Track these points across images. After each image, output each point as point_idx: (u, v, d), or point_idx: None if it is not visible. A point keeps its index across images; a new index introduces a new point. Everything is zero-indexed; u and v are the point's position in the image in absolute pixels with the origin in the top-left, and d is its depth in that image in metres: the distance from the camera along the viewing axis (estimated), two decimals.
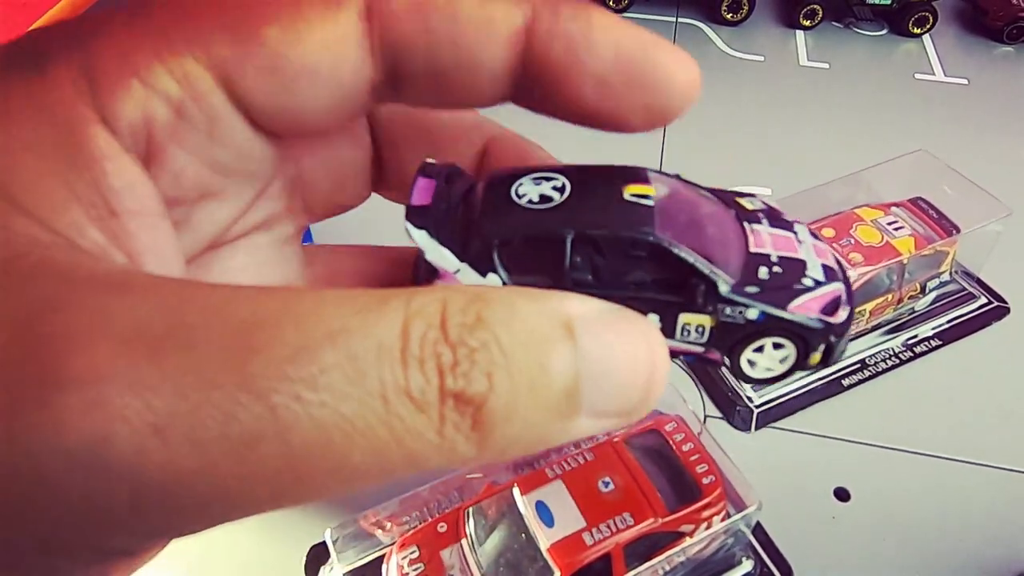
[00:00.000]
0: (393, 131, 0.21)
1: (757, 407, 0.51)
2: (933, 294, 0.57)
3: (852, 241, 0.52)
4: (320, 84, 0.16)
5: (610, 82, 0.16)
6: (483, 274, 0.16)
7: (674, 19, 0.94)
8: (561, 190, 0.17)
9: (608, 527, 0.37)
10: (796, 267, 0.18)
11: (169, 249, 0.16)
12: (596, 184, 0.17)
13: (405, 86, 0.16)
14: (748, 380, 0.18)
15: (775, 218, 0.19)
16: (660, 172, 0.18)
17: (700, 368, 0.53)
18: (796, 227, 0.19)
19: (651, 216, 0.17)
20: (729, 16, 0.93)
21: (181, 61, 0.15)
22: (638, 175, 0.18)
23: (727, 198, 0.19)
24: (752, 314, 0.17)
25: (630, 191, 0.17)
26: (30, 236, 0.13)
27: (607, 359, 0.13)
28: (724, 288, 0.17)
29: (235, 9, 0.15)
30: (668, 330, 0.17)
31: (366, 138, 0.21)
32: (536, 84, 0.16)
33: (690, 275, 0.17)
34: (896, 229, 0.53)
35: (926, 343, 0.56)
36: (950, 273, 0.57)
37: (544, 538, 0.36)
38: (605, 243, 0.16)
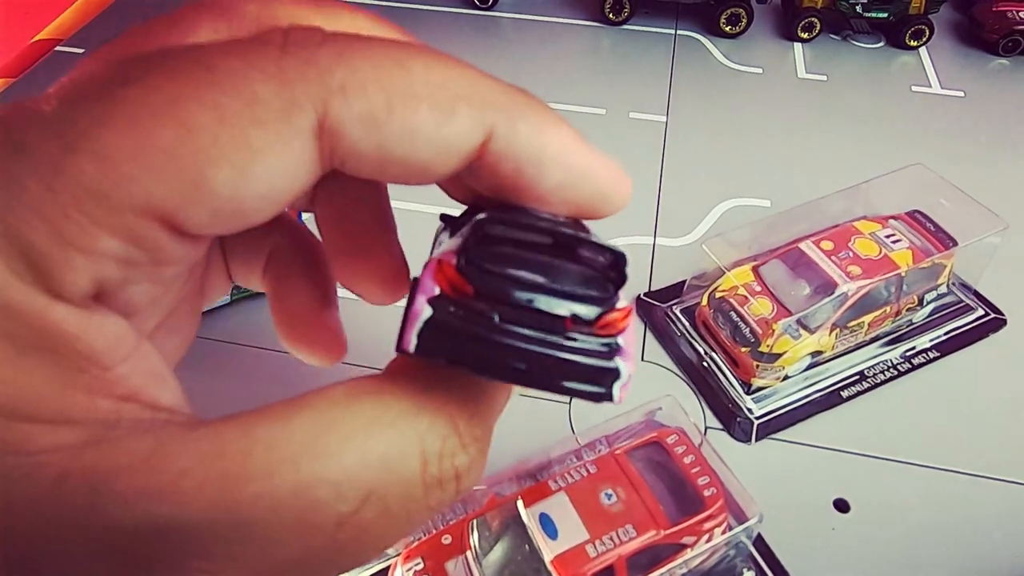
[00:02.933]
0: None
1: (757, 419, 0.51)
2: (931, 306, 0.57)
3: (850, 254, 0.53)
4: (269, 207, 0.15)
5: (551, 200, 0.17)
6: None
7: (673, 31, 0.95)
8: None
9: (611, 539, 0.37)
10: None
11: (159, 368, 0.16)
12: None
13: (345, 179, 0.16)
14: None
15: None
16: None
17: (700, 379, 0.54)
18: None
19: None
20: (728, 29, 0.94)
21: (121, 218, 0.14)
22: None
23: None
24: None
25: None
26: (48, 443, 0.13)
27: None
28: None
29: (175, 150, 0.14)
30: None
31: None
32: (480, 184, 0.17)
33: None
34: (894, 242, 0.54)
35: (924, 355, 0.56)
36: (947, 285, 0.57)
37: (548, 550, 0.37)
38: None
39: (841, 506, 0.47)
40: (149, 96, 0.14)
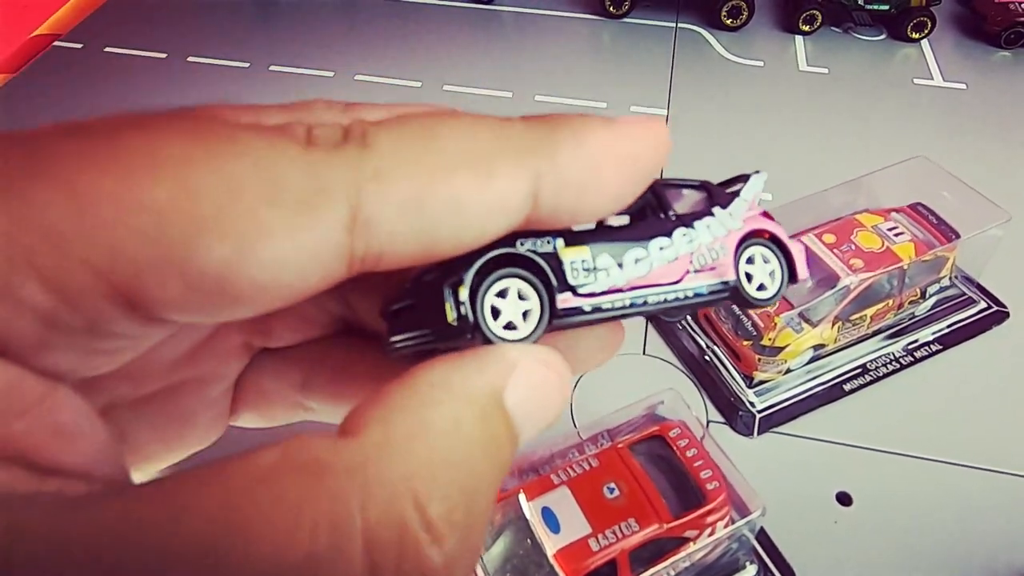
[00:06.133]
0: None
1: (759, 412, 0.51)
2: (933, 299, 0.57)
3: (853, 247, 0.53)
4: (266, 299, 0.13)
5: (623, 193, 0.16)
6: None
7: (674, 24, 0.95)
8: None
9: (613, 533, 0.37)
10: None
11: (71, 420, 0.13)
12: None
13: (381, 266, 0.14)
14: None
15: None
16: None
17: (702, 373, 0.54)
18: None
19: None
20: (728, 21, 0.93)
21: (64, 269, 0.11)
22: None
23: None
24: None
25: None
26: None
27: (534, 407, 0.15)
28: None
29: (165, 212, 0.11)
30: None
31: None
32: (546, 223, 0.16)
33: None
34: (896, 235, 0.54)
35: (926, 348, 0.56)
36: (950, 278, 0.57)
37: (550, 544, 0.37)
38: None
39: (844, 499, 0.47)
40: (157, 150, 0.12)
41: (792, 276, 0.19)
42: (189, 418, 0.18)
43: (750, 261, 0.19)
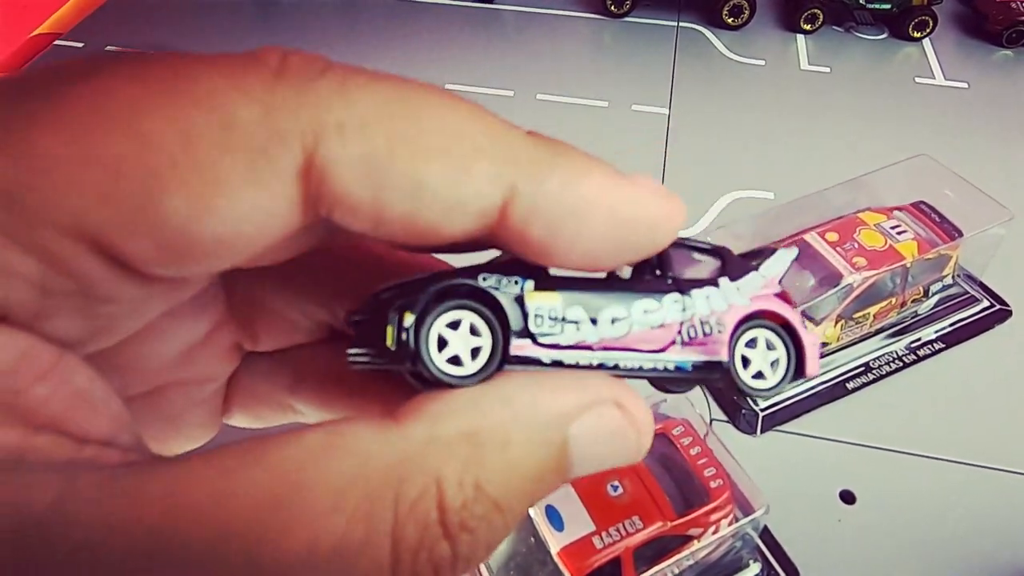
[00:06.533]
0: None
1: (762, 411, 0.51)
2: (936, 297, 0.57)
3: (856, 245, 0.52)
4: (229, 251, 0.13)
5: (598, 252, 0.14)
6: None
7: (675, 23, 0.95)
8: None
9: (617, 531, 0.37)
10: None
11: (89, 388, 0.13)
12: None
13: (336, 231, 0.14)
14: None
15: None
16: None
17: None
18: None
19: None
20: (730, 20, 0.93)
21: (39, 235, 0.11)
22: None
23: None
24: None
25: None
26: None
27: (598, 451, 0.14)
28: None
29: (122, 166, 0.11)
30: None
31: None
32: (508, 248, 0.14)
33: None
34: (899, 233, 0.54)
35: (929, 346, 0.56)
36: (953, 277, 0.57)
37: (554, 542, 0.37)
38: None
39: (847, 497, 0.47)
40: (106, 99, 0.11)
41: (800, 370, 0.17)
42: (180, 417, 0.19)
43: (751, 344, 0.17)
